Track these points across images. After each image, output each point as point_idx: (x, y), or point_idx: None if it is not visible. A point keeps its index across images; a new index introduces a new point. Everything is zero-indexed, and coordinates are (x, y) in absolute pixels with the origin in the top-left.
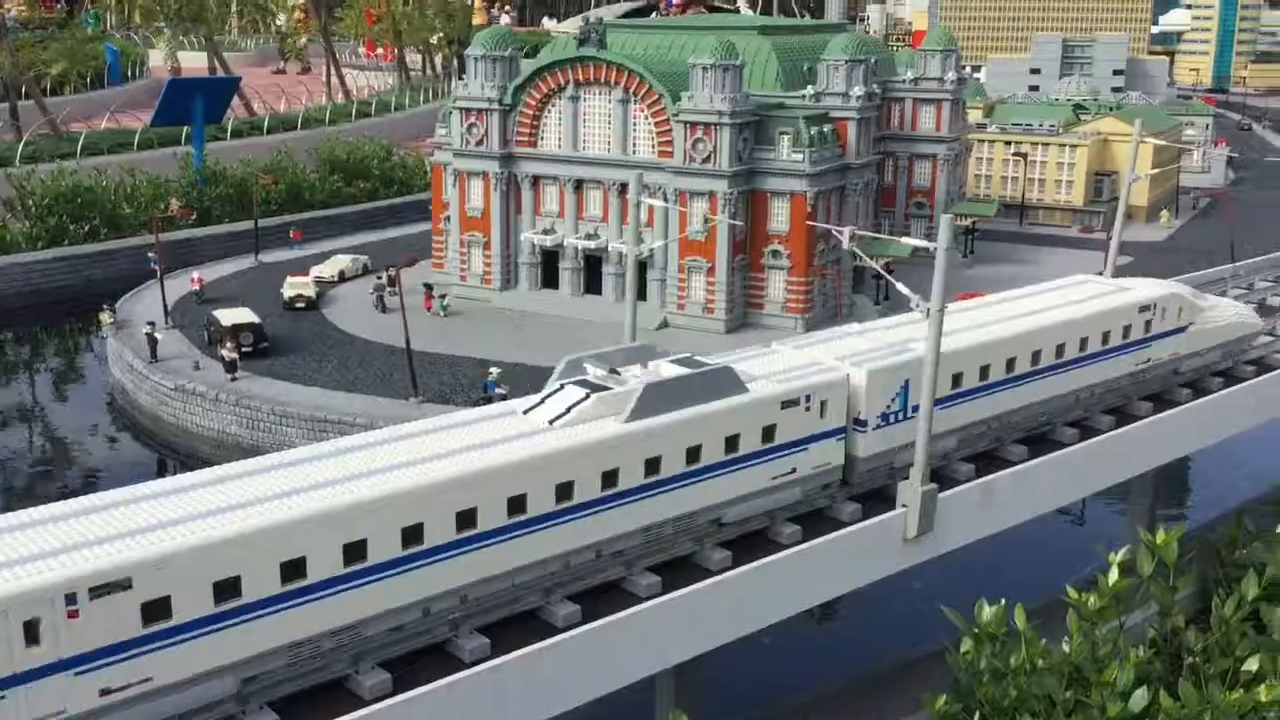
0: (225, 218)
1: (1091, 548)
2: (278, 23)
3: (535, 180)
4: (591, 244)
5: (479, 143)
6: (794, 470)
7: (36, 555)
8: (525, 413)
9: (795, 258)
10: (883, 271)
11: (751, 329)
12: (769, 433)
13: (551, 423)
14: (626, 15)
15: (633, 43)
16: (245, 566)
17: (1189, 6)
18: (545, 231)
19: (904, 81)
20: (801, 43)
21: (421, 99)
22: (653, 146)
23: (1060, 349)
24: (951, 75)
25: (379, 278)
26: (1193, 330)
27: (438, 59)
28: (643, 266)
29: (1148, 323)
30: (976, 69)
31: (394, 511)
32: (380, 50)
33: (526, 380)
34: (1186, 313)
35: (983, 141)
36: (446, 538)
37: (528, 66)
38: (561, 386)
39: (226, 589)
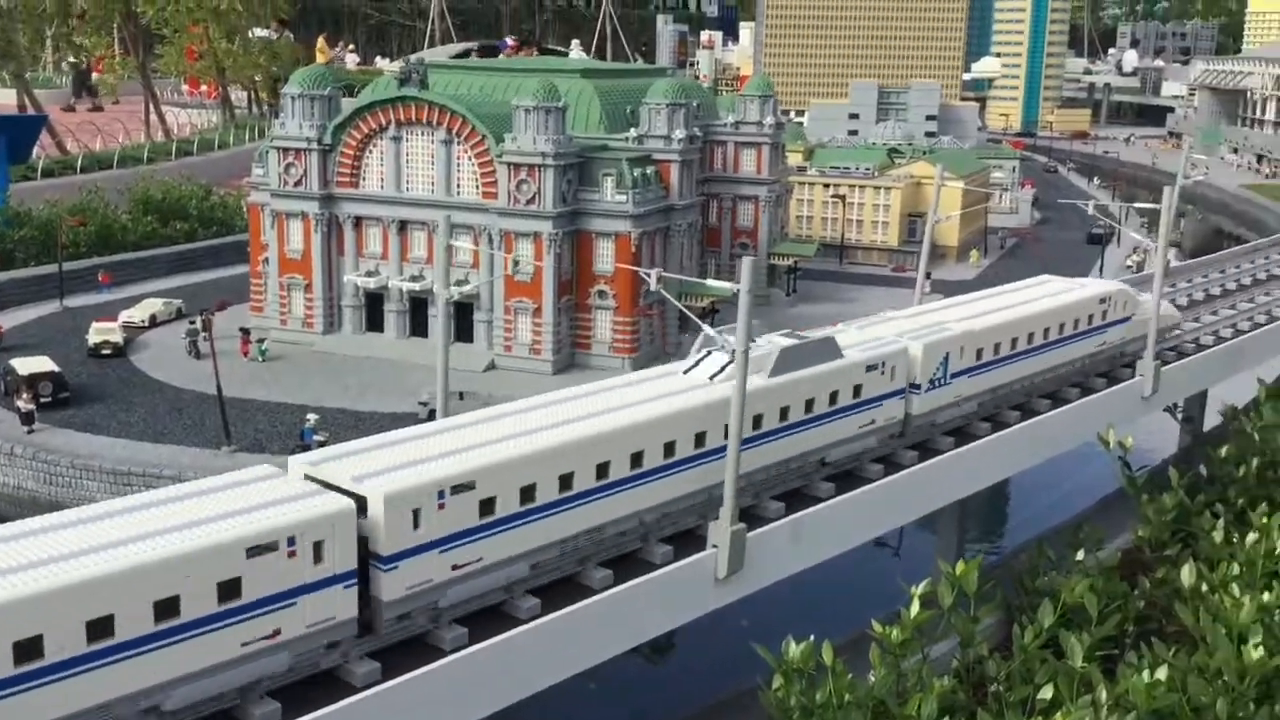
0: (30, 260)
1: (897, 581)
2: (70, 60)
3: (358, 221)
4: (416, 286)
5: (298, 183)
6: (873, 422)
7: (413, 462)
8: (685, 373)
9: (621, 298)
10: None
11: (579, 369)
12: (858, 390)
13: (711, 378)
14: (467, 55)
15: (456, 83)
16: (541, 477)
17: (998, 54)
18: (369, 273)
19: (726, 125)
20: (624, 86)
21: (247, 137)
22: (477, 187)
23: (1048, 331)
24: (770, 120)
25: (192, 322)
26: (1134, 320)
27: (265, 96)
28: (469, 308)
29: (1104, 312)
30: (800, 113)
31: (628, 440)
32: (204, 87)
33: (349, 426)
34: (1130, 305)
35: (803, 183)
36: (654, 464)
37: (348, 106)
38: (707, 353)
39: (527, 496)
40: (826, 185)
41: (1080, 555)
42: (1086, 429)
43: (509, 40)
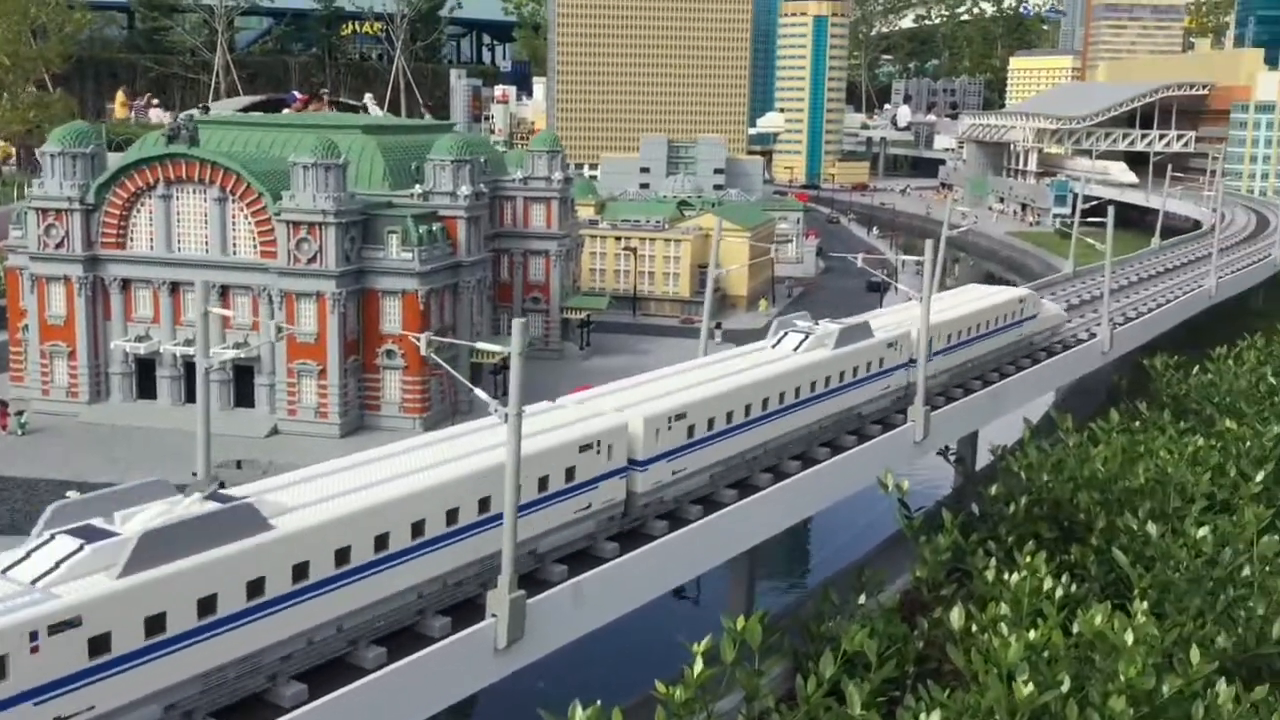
0: None
1: (676, 639)
2: None
3: (125, 284)
4: (191, 350)
5: (59, 245)
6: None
7: (649, 399)
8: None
9: (410, 357)
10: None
11: (368, 431)
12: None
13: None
14: (255, 108)
15: (232, 139)
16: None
17: (782, 110)
18: (139, 338)
19: (515, 180)
20: (408, 142)
21: (15, 194)
22: (254, 247)
23: (988, 323)
24: (559, 174)
25: None
26: (1039, 317)
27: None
28: (249, 371)
29: (1021, 310)
30: (593, 167)
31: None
32: None
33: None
34: (1035, 306)
35: (595, 237)
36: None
37: (114, 163)
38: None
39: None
40: (618, 238)
41: (862, 599)
42: (866, 474)
43: (296, 94)
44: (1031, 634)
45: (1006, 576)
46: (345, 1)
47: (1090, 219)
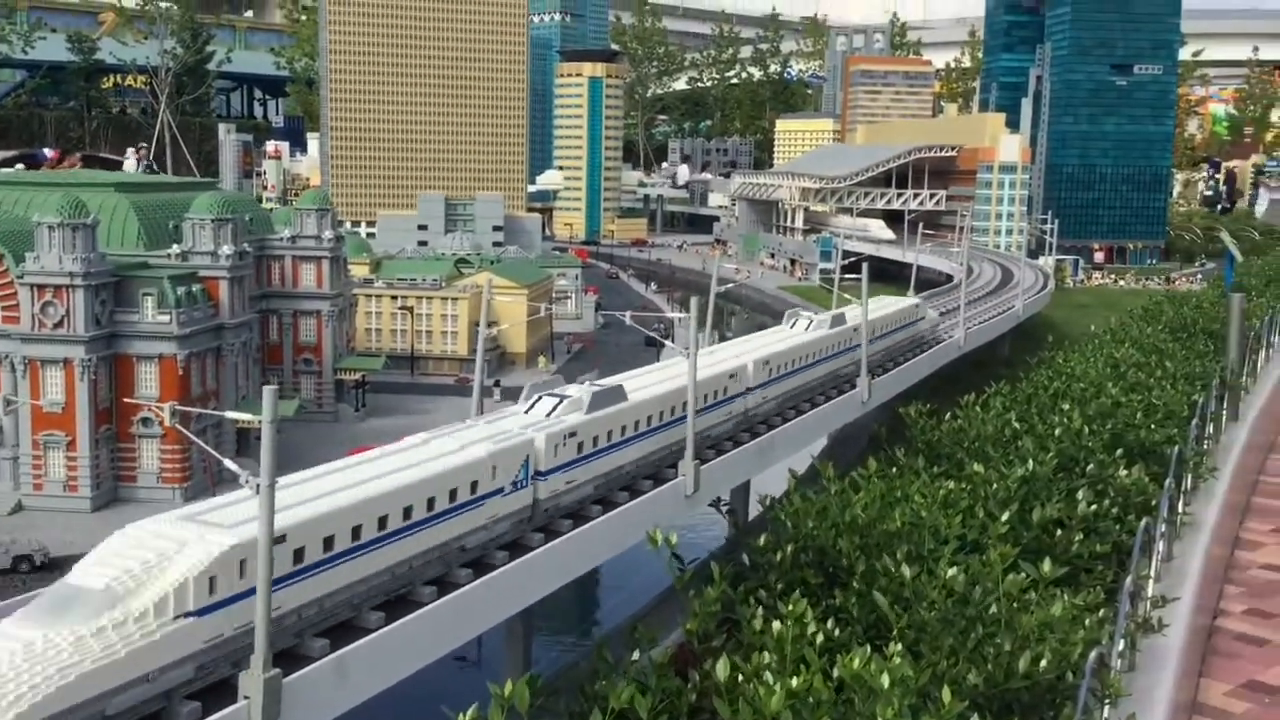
0: None
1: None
2: None
3: None
4: None
5: None
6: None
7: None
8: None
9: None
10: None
11: (123, 504)
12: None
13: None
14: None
15: None
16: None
17: (561, 167)
18: None
19: (283, 239)
20: (166, 200)
21: None
22: None
23: (891, 322)
24: (329, 233)
25: None
26: (926, 319)
27: None
28: None
29: (915, 312)
30: (370, 224)
31: None
32: None
33: None
34: (925, 309)
35: (370, 296)
36: None
37: None
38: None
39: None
40: (394, 297)
41: (635, 655)
42: (637, 531)
43: (47, 151)
44: (794, 681)
45: (772, 625)
46: (106, 54)
47: (851, 274)
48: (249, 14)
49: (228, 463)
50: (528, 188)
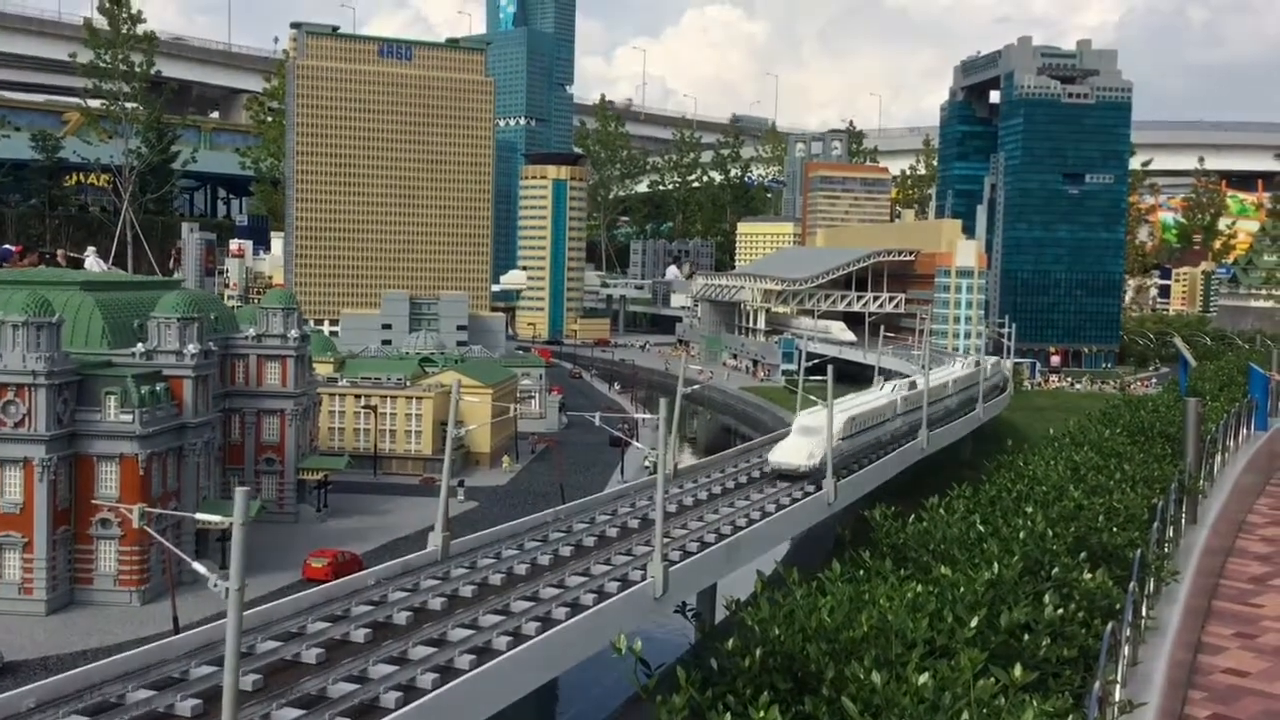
0: None
1: None
2: None
3: None
4: None
5: None
6: None
7: None
8: None
9: (128, 525)
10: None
11: (80, 607)
12: None
13: None
14: None
15: None
16: None
17: (524, 267)
18: None
19: (247, 338)
20: (130, 299)
21: None
22: None
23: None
24: (294, 331)
25: None
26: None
27: None
28: None
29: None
30: (334, 323)
31: None
32: None
33: None
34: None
35: (333, 395)
36: None
37: None
38: None
39: None
40: (358, 396)
41: None
42: (605, 634)
43: (10, 247)
44: None
45: None
46: (70, 153)
47: (814, 375)
48: (215, 115)
49: (195, 564)
50: (492, 287)
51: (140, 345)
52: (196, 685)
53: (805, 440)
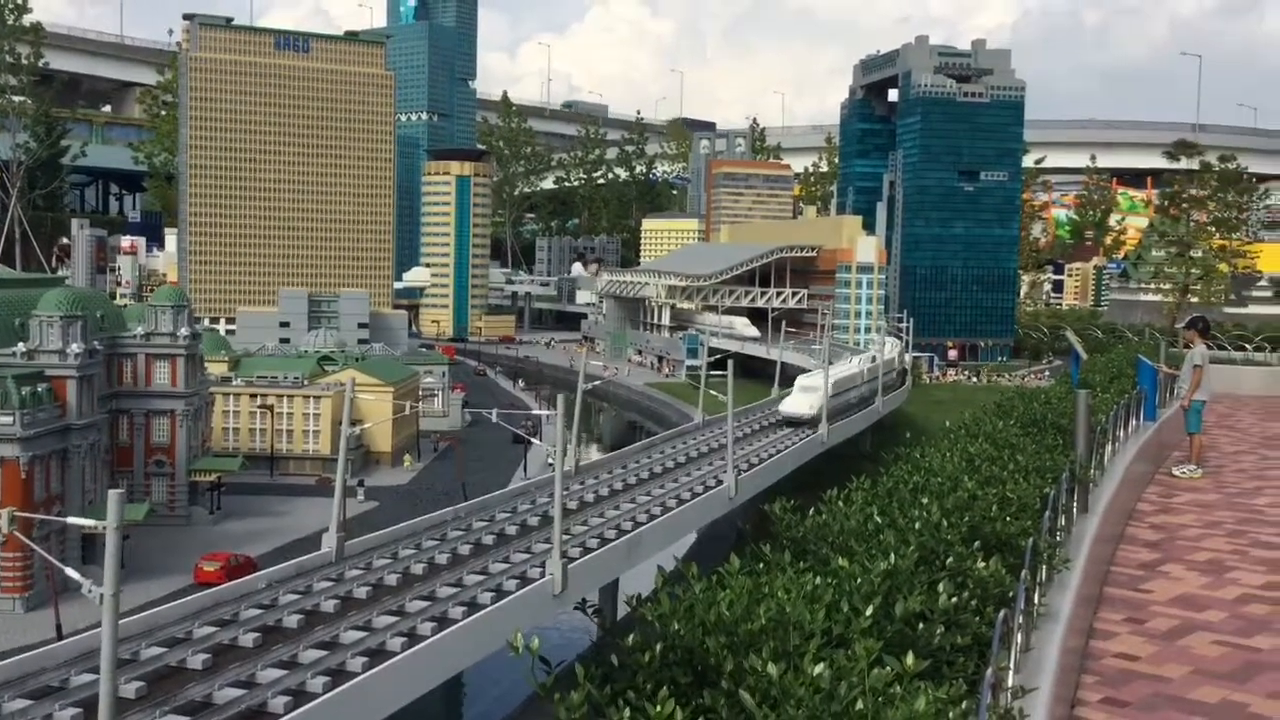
0: None
1: None
2: None
3: None
4: None
5: None
6: None
7: None
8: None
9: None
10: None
11: None
12: None
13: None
14: None
15: None
16: None
17: (428, 264)
18: None
19: (135, 337)
20: (12, 297)
21: None
22: None
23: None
24: (185, 330)
25: None
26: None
27: None
28: None
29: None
30: (230, 321)
31: None
32: None
33: None
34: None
35: (228, 394)
36: None
37: None
38: None
39: None
40: (253, 395)
41: None
42: (501, 634)
43: None
44: None
45: None
46: None
47: (717, 371)
48: (107, 108)
49: (70, 571)
50: (394, 284)
51: (21, 345)
52: (76, 694)
53: (806, 396)
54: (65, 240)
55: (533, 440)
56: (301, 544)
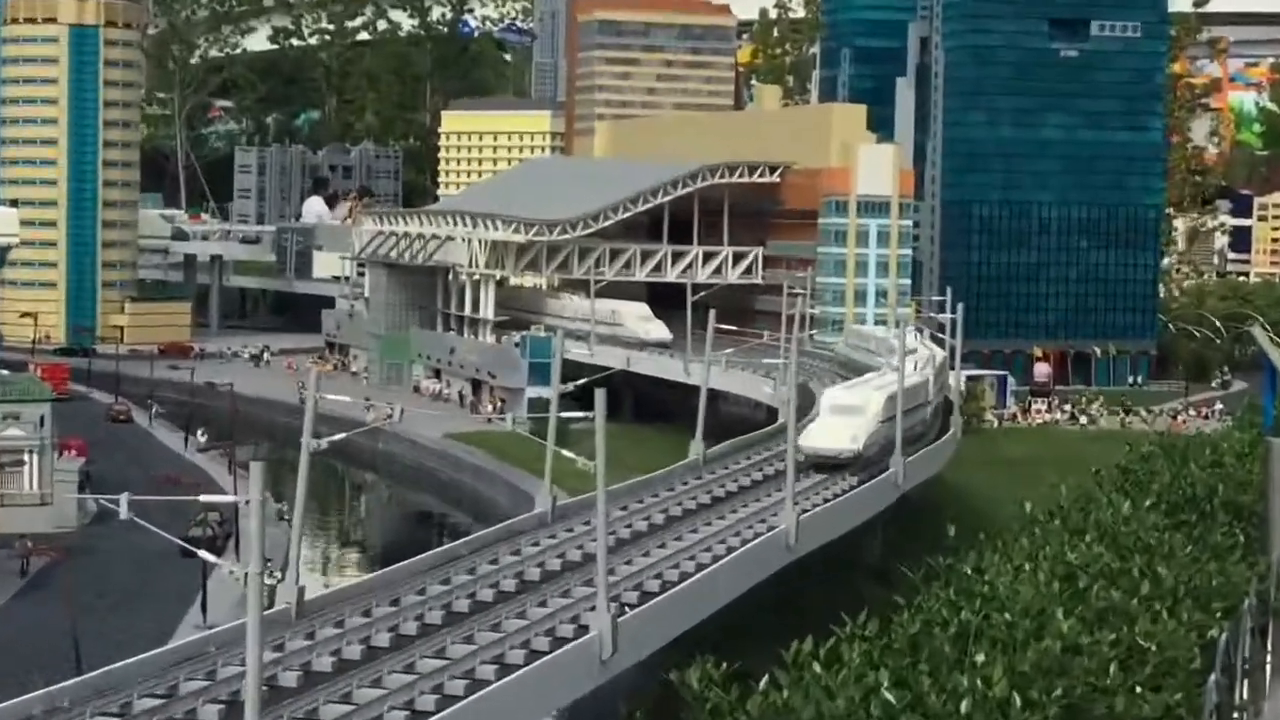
0: None
1: None
2: None
3: None
4: None
5: None
6: None
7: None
8: None
9: None
10: None
11: None
12: None
13: None
14: None
15: None
16: None
17: (14, 201)
18: None
19: None
20: None
21: None
22: None
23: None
24: None
25: None
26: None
27: None
28: None
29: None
30: None
31: None
32: None
33: None
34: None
35: None
36: None
37: None
38: None
39: None
40: None
41: None
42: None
43: None
44: None
45: None
46: None
47: (583, 406)
48: None
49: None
50: None
51: None
52: None
53: (845, 421)
54: None
55: (220, 555)
56: None
